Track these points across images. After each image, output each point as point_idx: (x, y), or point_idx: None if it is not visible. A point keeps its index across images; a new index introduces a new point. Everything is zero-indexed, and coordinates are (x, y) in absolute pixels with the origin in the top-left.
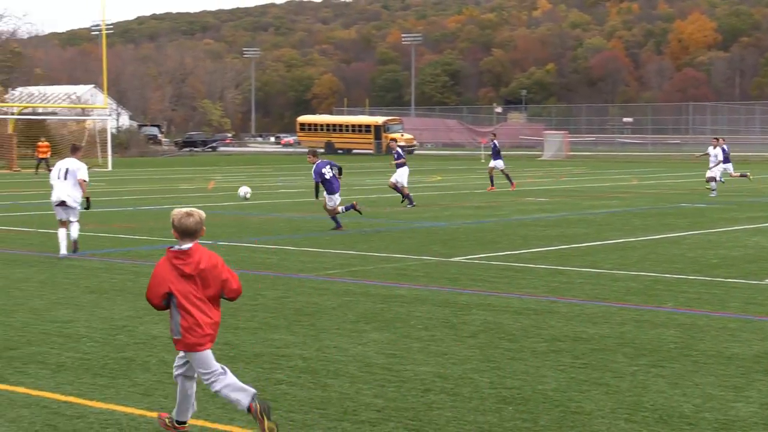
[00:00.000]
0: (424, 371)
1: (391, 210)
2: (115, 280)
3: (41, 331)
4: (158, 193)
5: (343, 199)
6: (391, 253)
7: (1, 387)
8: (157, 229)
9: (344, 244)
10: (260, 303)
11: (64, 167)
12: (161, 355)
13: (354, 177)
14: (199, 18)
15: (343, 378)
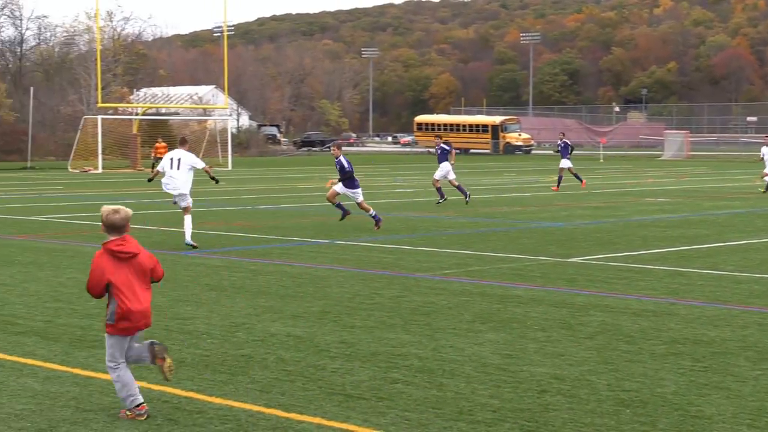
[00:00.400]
0: (540, 372)
1: (508, 210)
2: (234, 277)
3: (163, 328)
4: (277, 192)
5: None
6: (507, 253)
7: None
8: (275, 227)
9: (461, 243)
10: (377, 302)
11: (177, 157)
12: (279, 352)
13: (470, 177)
14: (318, 19)
15: (459, 378)
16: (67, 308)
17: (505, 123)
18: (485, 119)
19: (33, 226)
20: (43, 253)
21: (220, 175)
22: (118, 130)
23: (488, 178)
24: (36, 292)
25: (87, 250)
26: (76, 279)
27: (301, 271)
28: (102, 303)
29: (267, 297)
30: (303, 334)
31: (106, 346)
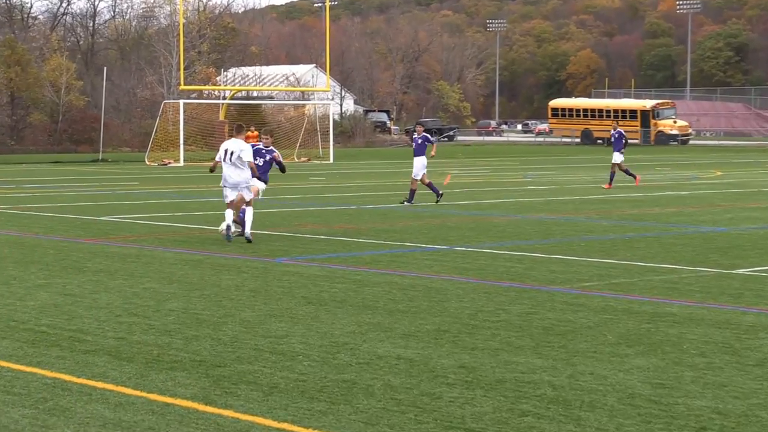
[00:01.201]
0: (698, 405)
1: (661, 211)
2: (335, 289)
3: (253, 347)
4: (386, 189)
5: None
6: (659, 262)
7: (207, 409)
8: (383, 231)
9: (604, 251)
10: (503, 319)
11: (230, 150)
12: (387, 378)
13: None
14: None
15: (601, 411)
16: (142, 323)
17: (658, 108)
18: (633, 103)
19: (104, 227)
20: (115, 259)
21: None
22: (203, 116)
23: (639, 173)
24: (107, 305)
25: (165, 255)
26: (152, 289)
27: (413, 283)
28: (181, 319)
29: (374, 312)
30: (416, 356)
31: None
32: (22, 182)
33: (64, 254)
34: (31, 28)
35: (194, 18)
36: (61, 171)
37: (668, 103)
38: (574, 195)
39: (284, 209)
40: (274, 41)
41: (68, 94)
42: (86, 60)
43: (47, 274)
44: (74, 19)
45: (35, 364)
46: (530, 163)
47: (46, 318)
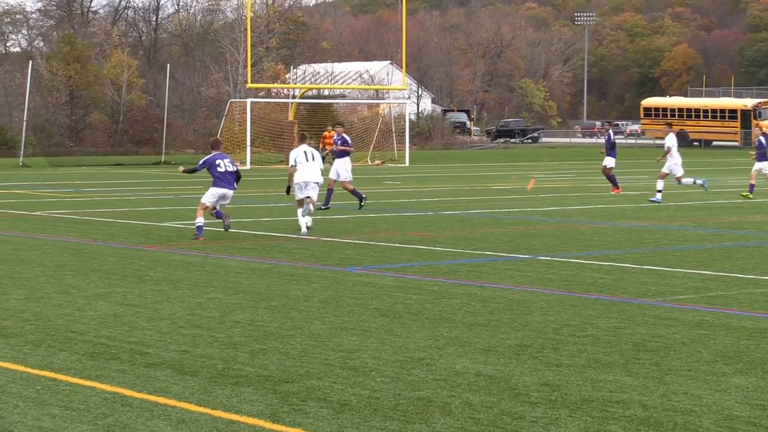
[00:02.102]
0: None
1: (762, 219)
2: (410, 301)
3: (323, 362)
4: (465, 194)
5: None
6: (760, 274)
7: (274, 427)
8: (462, 238)
9: (699, 262)
10: (590, 334)
11: (309, 150)
12: (466, 395)
13: (713, 175)
14: None
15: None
16: (206, 335)
17: (760, 107)
18: (733, 102)
19: (167, 234)
20: (178, 268)
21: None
22: (271, 116)
23: (736, 178)
24: (170, 316)
25: (230, 264)
26: (217, 300)
27: (494, 294)
28: (247, 332)
29: (451, 326)
30: (496, 373)
31: None
32: (81, 186)
33: (125, 262)
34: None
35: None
36: (122, 174)
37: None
38: (668, 201)
39: (357, 215)
40: (347, 36)
41: (129, 92)
42: (149, 57)
43: (107, 283)
44: (136, 14)
45: (94, 378)
46: (621, 166)
47: (106, 329)
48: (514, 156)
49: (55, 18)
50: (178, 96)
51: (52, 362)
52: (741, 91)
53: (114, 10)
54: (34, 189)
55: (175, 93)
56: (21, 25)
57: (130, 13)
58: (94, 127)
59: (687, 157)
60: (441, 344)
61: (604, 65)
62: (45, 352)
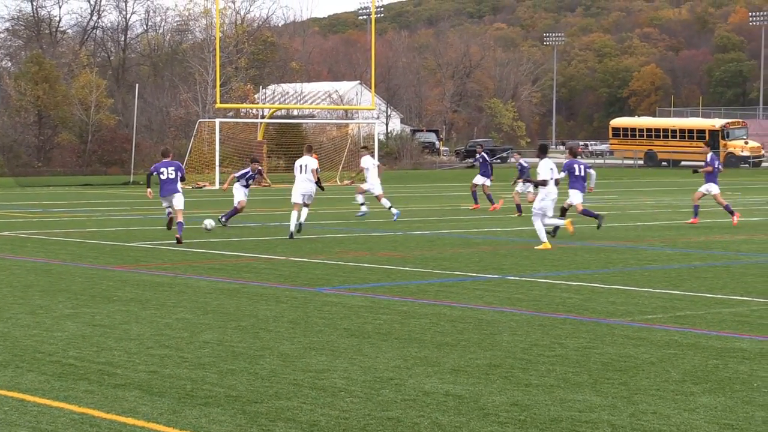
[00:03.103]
0: None
1: (730, 239)
2: (379, 321)
3: (291, 382)
4: (434, 214)
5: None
6: (728, 294)
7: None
8: (431, 258)
9: (668, 281)
10: (559, 354)
11: (304, 163)
12: (435, 415)
13: (678, 195)
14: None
15: None
16: (175, 356)
17: (728, 127)
18: (701, 123)
19: (135, 254)
20: (147, 288)
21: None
22: (240, 136)
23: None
24: (138, 336)
25: (199, 284)
26: (185, 320)
27: (463, 314)
28: (216, 352)
29: (420, 346)
30: (465, 393)
31: None
32: (49, 206)
33: (93, 282)
34: (59, 42)
35: (231, 32)
36: (91, 194)
37: (739, 123)
38: (637, 221)
39: (326, 235)
40: (316, 56)
41: (98, 112)
42: (117, 76)
43: (75, 303)
44: (105, 34)
45: (62, 399)
46: None
47: (74, 350)
48: None
49: (24, 38)
50: (146, 116)
51: (19, 383)
52: (709, 111)
53: (82, 30)
54: (1, 209)
55: (144, 113)
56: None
57: (99, 33)
58: (63, 147)
59: (656, 177)
60: (410, 364)
61: (573, 85)
62: (13, 373)
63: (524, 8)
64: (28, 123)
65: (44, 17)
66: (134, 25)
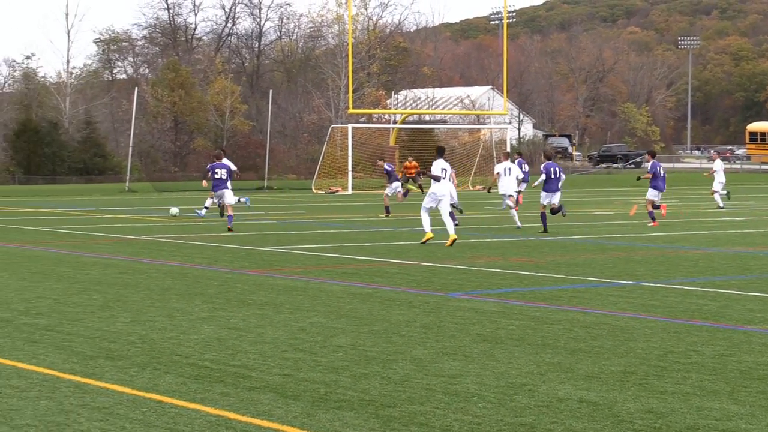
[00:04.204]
0: None
1: None
2: (512, 326)
3: (424, 387)
4: (567, 220)
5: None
6: None
7: None
8: (564, 264)
9: None
10: (695, 361)
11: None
12: (568, 422)
13: None
14: (622, 1)
15: None
16: (309, 359)
17: None
18: None
19: (270, 258)
20: (281, 292)
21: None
22: (373, 141)
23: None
24: (273, 340)
25: (333, 288)
26: (319, 324)
27: (597, 320)
28: (349, 356)
29: (554, 352)
30: (599, 399)
31: None
32: (185, 211)
33: (229, 286)
34: (195, 50)
35: (364, 38)
36: None
37: None
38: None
39: (458, 241)
40: (448, 61)
41: (233, 118)
42: (251, 83)
43: (211, 306)
44: (239, 40)
45: (199, 401)
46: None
47: (210, 352)
48: (617, 181)
49: (161, 45)
50: (280, 122)
51: (157, 384)
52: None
53: (218, 37)
54: (139, 213)
55: (277, 119)
56: (127, 53)
57: (234, 40)
58: (198, 152)
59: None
60: (543, 370)
61: (709, 89)
62: (150, 375)
63: (658, 12)
64: (164, 129)
65: (180, 25)
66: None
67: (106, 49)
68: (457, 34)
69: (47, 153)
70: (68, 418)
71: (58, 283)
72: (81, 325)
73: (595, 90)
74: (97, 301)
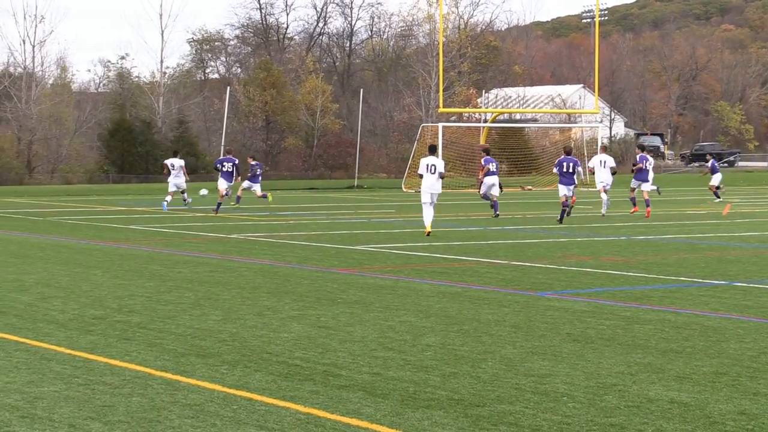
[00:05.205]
0: None
1: None
2: (603, 326)
3: (514, 386)
4: (660, 219)
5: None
6: None
7: None
8: (655, 263)
9: None
10: None
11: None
12: (659, 423)
13: None
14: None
15: None
16: (398, 358)
17: None
18: None
19: (360, 257)
20: (370, 291)
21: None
22: (463, 140)
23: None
24: (362, 338)
25: (422, 287)
26: (408, 323)
27: (688, 321)
28: (439, 355)
29: (644, 352)
30: (690, 400)
31: None
32: (276, 209)
33: (319, 284)
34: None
35: (455, 36)
36: (316, 198)
37: None
38: None
39: (548, 240)
40: (539, 60)
41: (324, 117)
42: (342, 82)
43: (301, 305)
44: (330, 40)
45: (289, 399)
46: None
47: (300, 351)
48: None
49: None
50: (370, 121)
51: (248, 382)
52: None
53: (309, 37)
54: (231, 212)
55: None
56: (219, 52)
57: (325, 40)
58: (289, 151)
59: None
60: (634, 370)
61: None
62: (241, 373)
63: (753, 9)
64: (256, 128)
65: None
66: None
67: (199, 49)
68: (548, 33)
69: (140, 152)
70: (160, 415)
71: (151, 281)
72: (172, 322)
73: (687, 88)
74: (189, 299)
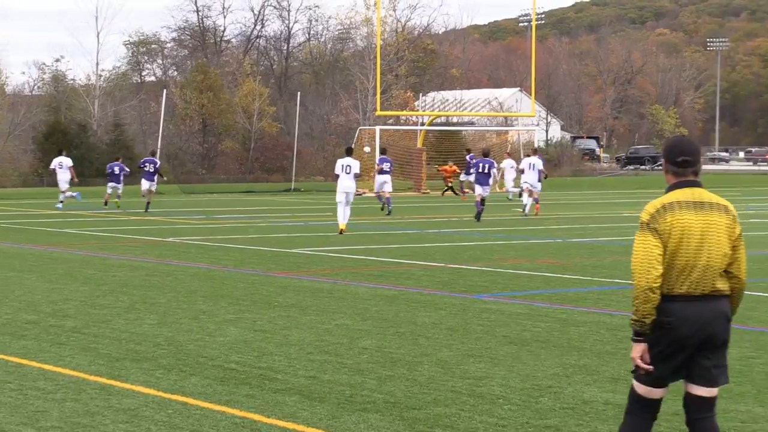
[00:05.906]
0: None
1: None
2: (538, 328)
3: (450, 389)
4: (594, 221)
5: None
6: None
7: None
8: (590, 266)
9: None
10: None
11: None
12: (594, 424)
13: None
14: (651, 3)
15: None
16: (334, 362)
17: None
18: None
19: (297, 260)
20: (307, 294)
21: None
22: (400, 143)
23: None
24: (298, 342)
25: (359, 291)
26: (345, 326)
27: (623, 322)
28: (375, 358)
29: (580, 354)
30: (625, 401)
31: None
32: (212, 212)
33: (255, 288)
34: (223, 52)
35: (392, 39)
36: (253, 201)
37: None
38: None
39: (484, 242)
40: (476, 63)
41: (261, 120)
42: (279, 85)
43: (237, 308)
44: (268, 43)
45: (224, 403)
46: (755, 194)
47: (236, 355)
48: (645, 183)
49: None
50: (308, 124)
51: (183, 386)
52: None
53: (246, 40)
54: (166, 216)
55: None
56: (156, 55)
57: (262, 42)
58: (226, 154)
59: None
60: (569, 372)
61: (737, 91)
62: (176, 377)
63: (687, 13)
64: (192, 131)
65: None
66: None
67: (135, 52)
68: (485, 36)
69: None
70: (94, 420)
71: (85, 285)
72: (107, 327)
73: (623, 92)
74: (124, 303)
